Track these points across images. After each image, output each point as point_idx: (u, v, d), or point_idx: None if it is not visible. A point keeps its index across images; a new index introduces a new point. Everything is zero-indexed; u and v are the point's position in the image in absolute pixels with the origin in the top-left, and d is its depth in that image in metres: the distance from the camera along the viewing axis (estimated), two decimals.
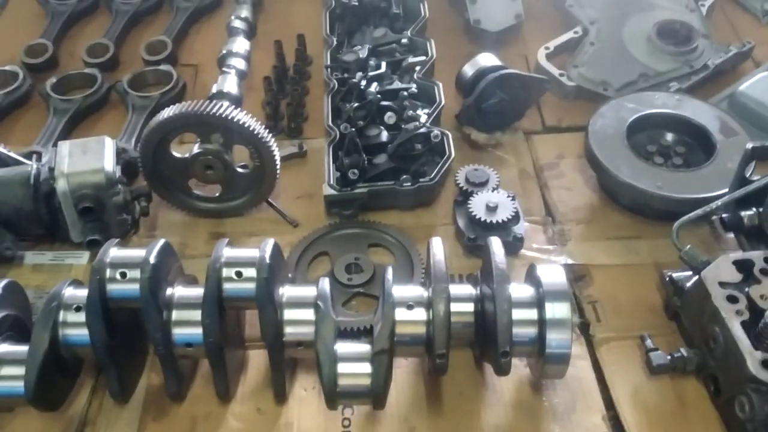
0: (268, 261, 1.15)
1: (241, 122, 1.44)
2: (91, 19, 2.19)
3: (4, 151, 1.53)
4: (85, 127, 1.83)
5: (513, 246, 1.50)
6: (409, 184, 1.56)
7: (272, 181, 1.54)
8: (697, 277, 1.28)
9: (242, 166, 1.55)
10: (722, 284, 1.24)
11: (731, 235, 1.46)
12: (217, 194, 1.57)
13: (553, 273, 1.21)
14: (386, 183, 1.57)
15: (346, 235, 1.54)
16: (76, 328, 1.17)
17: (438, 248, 1.20)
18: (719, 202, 1.35)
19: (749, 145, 1.36)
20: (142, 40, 2.03)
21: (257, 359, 1.33)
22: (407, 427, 1.24)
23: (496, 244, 1.21)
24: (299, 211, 1.62)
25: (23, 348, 1.16)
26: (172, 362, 1.19)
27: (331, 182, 1.57)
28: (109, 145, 1.49)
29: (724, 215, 1.39)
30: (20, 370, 1.14)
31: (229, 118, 1.43)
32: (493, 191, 1.55)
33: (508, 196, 1.53)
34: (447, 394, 1.28)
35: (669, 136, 1.64)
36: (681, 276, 1.34)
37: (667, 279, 1.36)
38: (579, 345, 1.35)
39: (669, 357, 1.28)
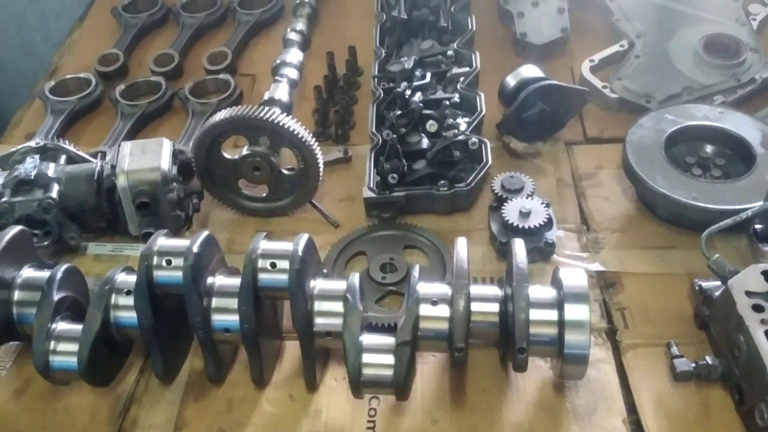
0: (300, 254, 1.22)
1: (286, 126, 1.53)
2: (160, 31, 2.34)
3: (73, 149, 1.67)
4: (149, 130, 1.97)
5: (544, 251, 1.53)
6: (445, 189, 1.62)
7: (315, 183, 1.63)
8: (724, 286, 1.29)
9: (288, 169, 1.64)
10: (749, 293, 1.24)
11: None
12: (264, 194, 1.67)
13: (574, 276, 1.24)
14: (423, 188, 1.63)
15: (383, 236, 1.61)
16: (125, 311, 1.28)
17: (462, 247, 1.25)
18: (750, 212, 1.35)
19: None
20: (206, 51, 2.16)
21: (292, 350, 1.40)
22: (430, 420, 1.29)
23: (518, 245, 1.26)
24: (341, 213, 1.70)
25: (79, 326, 1.27)
26: (211, 346, 1.28)
27: (371, 185, 1.64)
28: (167, 146, 1.61)
29: (757, 226, 1.39)
30: (75, 347, 1.25)
31: (275, 122, 1.53)
32: (527, 198, 1.59)
33: (542, 203, 1.57)
34: (470, 390, 1.32)
35: (708, 148, 1.64)
36: (710, 285, 1.35)
37: (697, 288, 1.37)
38: (605, 350, 1.38)
39: (694, 364, 1.28)
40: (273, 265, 1.24)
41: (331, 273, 1.53)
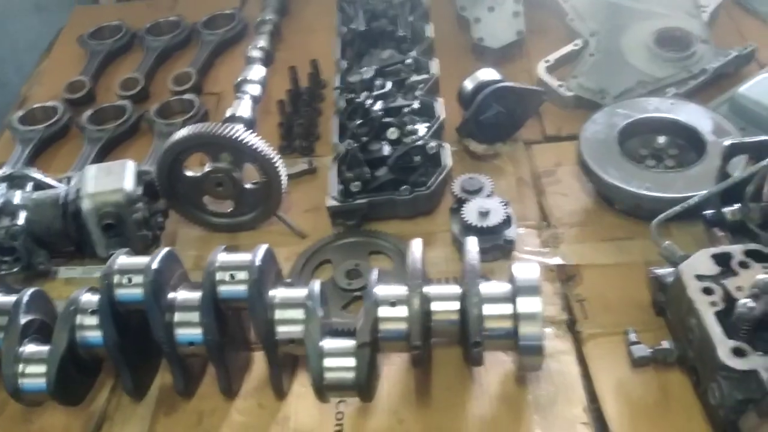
0: (258, 264, 1.25)
1: (245, 142, 1.56)
2: (127, 56, 2.37)
3: (40, 176, 1.69)
4: (117, 153, 1.99)
5: (504, 249, 1.56)
6: (407, 194, 1.65)
7: (279, 197, 1.66)
8: (676, 271, 1.32)
9: (252, 183, 1.67)
10: (699, 277, 1.27)
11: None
12: (230, 210, 1.69)
13: (526, 270, 1.27)
14: (385, 194, 1.66)
15: (348, 243, 1.64)
16: (91, 330, 1.30)
17: (416, 248, 1.28)
18: (696, 199, 1.38)
19: (726, 142, 1.40)
20: (172, 72, 2.20)
21: (261, 359, 1.42)
22: (396, 419, 1.31)
23: (470, 243, 1.29)
24: (308, 223, 1.73)
25: (47, 348, 1.29)
26: (177, 361, 1.30)
27: (334, 194, 1.67)
28: (130, 168, 1.64)
29: (707, 212, 1.42)
30: (44, 369, 1.27)
31: (235, 138, 1.56)
32: (486, 198, 1.62)
33: (501, 202, 1.60)
34: (435, 389, 1.35)
35: (661, 140, 1.68)
36: (664, 272, 1.37)
37: (652, 276, 1.40)
38: (566, 341, 1.40)
39: (651, 350, 1.31)
40: (232, 276, 1.27)
41: (298, 282, 1.55)
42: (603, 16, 2.06)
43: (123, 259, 1.32)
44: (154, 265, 1.26)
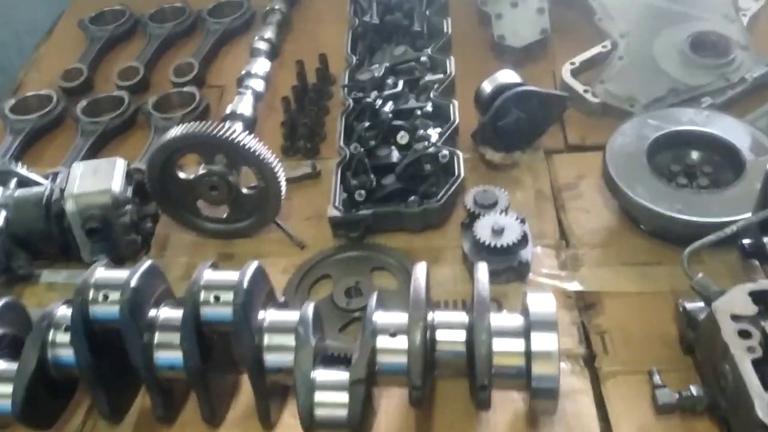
0: (246, 285, 1.13)
1: (242, 144, 1.44)
2: (129, 43, 2.26)
3: (23, 171, 1.59)
4: (111, 148, 1.89)
5: (519, 271, 1.44)
6: (415, 206, 1.53)
7: (277, 203, 1.54)
8: (709, 308, 1.19)
9: (249, 188, 1.55)
10: (735, 317, 1.14)
11: None
12: (225, 215, 1.58)
13: (542, 302, 1.14)
14: (392, 205, 1.54)
15: (349, 258, 1.52)
16: (65, 348, 1.19)
17: (420, 274, 1.16)
18: (735, 227, 1.25)
19: None
20: (174, 62, 2.08)
21: (249, 384, 1.32)
22: None
23: (481, 270, 1.16)
24: (308, 233, 1.61)
25: (14, 366, 1.18)
26: (156, 385, 1.19)
27: (337, 204, 1.55)
28: (120, 166, 1.53)
29: (745, 241, 1.29)
30: (10, 389, 1.17)
31: (231, 139, 1.44)
32: (501, 213, 1.49)
33: (517, 219, 1.47)
34: (437, 427, 1.23)
35: (695, 155, 1.54)
36: (695, 307, 1.24)
37: (681, 309, 1.27)
38: (582, 378, 1.28)
39: (677, 395, 1.19)
40: (217, 298, 1.15)
41: (294, 299, 1.44)
42: (634, 16, 1.91)
43: (100, 273, 1.21)
44: (133, 282, 1.15)
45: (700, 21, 1.87)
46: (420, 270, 1.17)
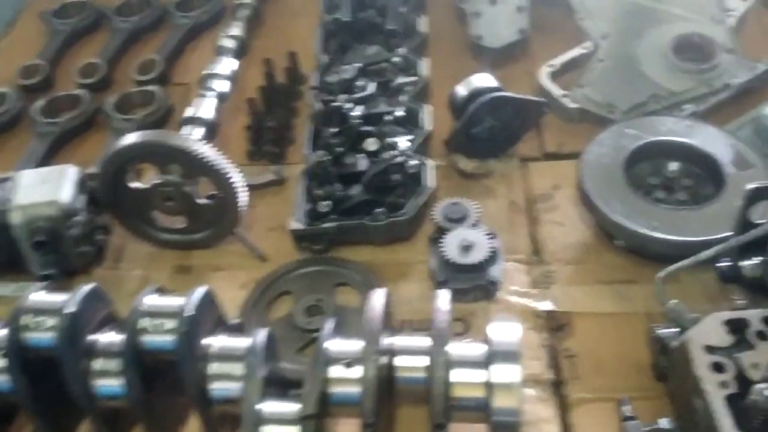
0: (189, 313, 1.06)
1: (196, 153, 1.37)
2: (93, 37, 2.17)
3: None
4: (69, 151, 1.80)
5: (487, 290, 1.37)
6: (381, 219, 1.46)
7: (237, 214, 1.47)
8: (682, 336, 1.13)
9: (208, 197, 1.48)
10: (709, 348, 1.08)
11: None
12: (182, 226, 1.51)
13: (505, 331, 1.08)
14: (357, 218, 1.47)
15: (311, 272, 1.45)
16: (2, 374, 1.12)
17: (377, 301, 1.09)
18: (711, 252, 1.18)
19: (751, 186, 1.19)
20: (139, 59, 2.00)
21: None
22: None
23: (442, 298, 1.10)
24: (271, 244, 1.54)
25: None
26: (98, 415, 1.12)
27: (300, 215, 1.48)
28: (71, 175, 1.45)
29: (722, 264, 1.23)
30: None
31: (184, 148, 1.36)
32: (471, 228, 1.42)
33: (487, 234, 1.40)
34: None
35: (674, 167, 1.48)
36: (668, 333, 1.18)
37: (654, 336, 1.21)
38: (549, 407, 1.22)
39: (647, 429, 1.13)
40: (159, 325, 1.08)
41: (251, 317, 1.37)
42: (617, 16, 1.83)
43: (37, 297, 1.13)
44: (71, 308, 1.08)
45: (685, 22, 1.79)
46: (377, 297, 1.10)
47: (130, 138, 1.38)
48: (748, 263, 1.20)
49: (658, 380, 1.22)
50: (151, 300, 1.12)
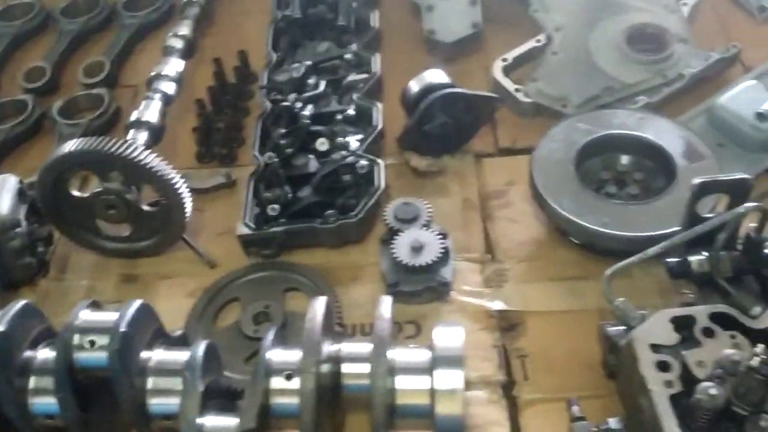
0: (123, 329, 1.03)
1: (136, 159, 1.33)
2: (39, 39, 2.10)
3: None
4: (13, 158, 1.75)
5: (438, 291, 1.35)
6: (330, 222, 1.43)
7: (182, 220, 1.43)
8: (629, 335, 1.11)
9: (152, 204, 1.44)
10: (655, 347, 1.07)
11: None
12: (127, 234, 1.47)
13: (450, 335, 1.06)
14: (306, 220, 1.44)
15: (260, 278, 1.42)
16: None
17: (319, 308, 1.06)
18: (658, 248, 1.17)
19: (696, 180, 1.18)
20: (88, 60, 1.94)
21: None
22: None
23: (384, 305, 1.08)
24: (220, 250, 1.50)
25: None
26: None
27: (248, 219, 1.45)
28: (9, 185, 1.41)
29: (671, 260, 1.21)
30: None
31: (123, 155, 1.32)
32: (422, 228, 1.40)
33: (438, 234, 1.38)
34: None
35: (625, 161, 1.46)
36: (616, 331, 1.17)
37: (603, 334, 1.19)
38: (499, 408, 1.21)
39: (595, 429, 1.11)
40: (92, 342, 1.05)
41: (197, 327, 1.34)
42: (571, 7, 1.81)
43: None
44: (0, 327, 1.04)
45: (640, 12, 1.78)
46: (318, 305, 1.07)
47: (67, 146, 1.34)
48: (696, 258, 1.19)
49: (609, 378, 1.21)
50: (85, 315, 1.08)
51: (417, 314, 1.35)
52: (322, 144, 1.54)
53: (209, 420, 1.04)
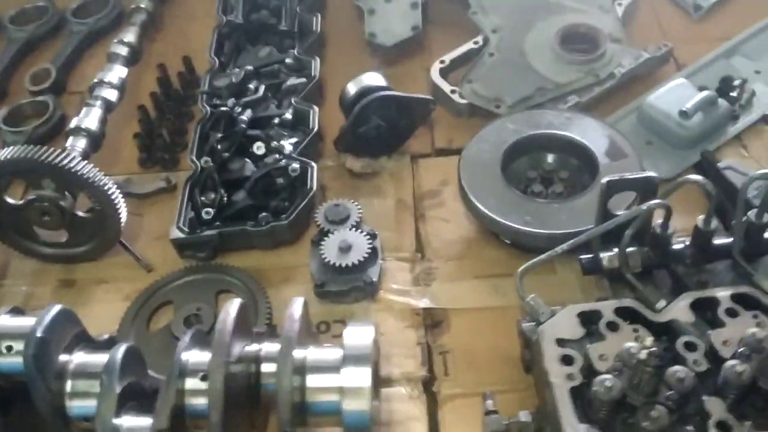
0: (38, 335, 1.05)
1: (66, 167, 1.35)
2: None
3: None
4: None
5: (366, 291, 1.38)
6: (262, 225, 1.45)
7: (117, 225, 1.45)
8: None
9: (87, 211, 1.46)
10: (560, 341, 1.10)
11: None
12: (64, 239, 1.49)
13: (359, 334, 1.09)
14: (239, 224, 1.47)
15: (193, 281, 1.45)
16: None
17: (231, 310, 1.09)
18: (567, 245, 1.20)
19: (605, 180, 1.21)
20: (35, 68, 1.96)
21: None
22: None
23: (295, 305, 1.10)
24: (157, 253, 1.53)
25: None
26: None
27: (182, 223, 1.47)
28: None
29: (583, 256, 1.25)
30: None
31: (54, 164, 1.34)
32: (352, 229, 1.43)
33: (367, 235, 1.41)
34: None
35: (551, 160, 1.49)
36: (529, 327, 1.20)
37: (519, 329, 1.22)
38: (419, 404, 1.24)
39: (506, 422, 1.14)
40: (9, 348, 1.07)
41: (130, 331, 1.37)
42: (508, 9, 1.84)
43: None
44: None
45: (575, 13, 1.81)
46: (231, 307, 1.10)
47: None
48: (607, 254, 1.22)
49: (527, 372, 1.24)
50: (3, 321, 1.11)
51: (345, 313, 1.37)
52: (258, 148, 1.56)
53: (126, 420, 1.07)
